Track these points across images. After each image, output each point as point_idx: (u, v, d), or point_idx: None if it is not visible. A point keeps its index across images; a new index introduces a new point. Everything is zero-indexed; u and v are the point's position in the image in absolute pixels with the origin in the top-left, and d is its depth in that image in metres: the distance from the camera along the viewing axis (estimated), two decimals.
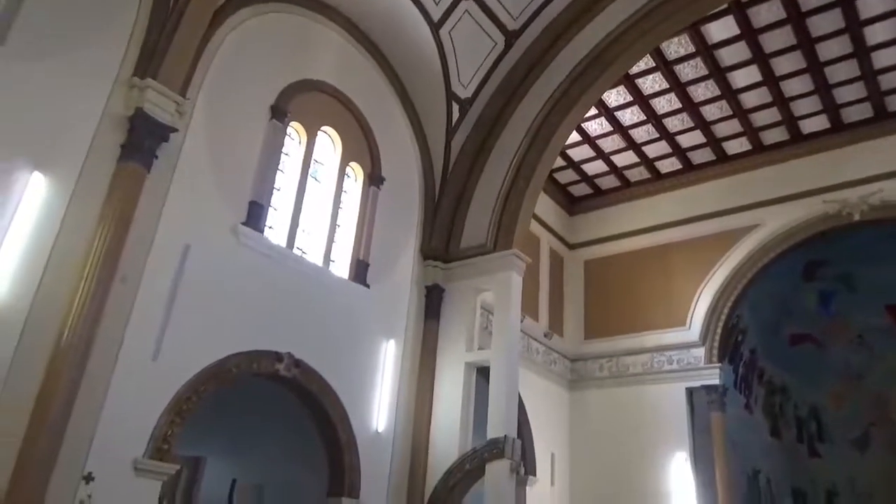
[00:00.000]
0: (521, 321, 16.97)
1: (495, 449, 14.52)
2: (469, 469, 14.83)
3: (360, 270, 15.47)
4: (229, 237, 12.68)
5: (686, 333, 20.15)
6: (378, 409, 15.00)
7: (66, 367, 9.39)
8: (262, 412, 14.23)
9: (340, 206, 15.71)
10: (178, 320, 11.31)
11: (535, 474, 18.72)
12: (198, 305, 11.71)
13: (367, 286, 15.44)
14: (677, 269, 20.99)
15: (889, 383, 22.29)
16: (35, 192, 9.81)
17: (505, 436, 14.59)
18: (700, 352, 19.78)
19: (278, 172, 14.22)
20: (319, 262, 14.77)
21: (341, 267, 15.32)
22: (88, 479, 9.63)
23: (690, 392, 19.57)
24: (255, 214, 13.20)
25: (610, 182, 23.29)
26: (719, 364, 19.46)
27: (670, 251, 21.41)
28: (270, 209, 13.86)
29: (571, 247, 23.66)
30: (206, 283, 11.96)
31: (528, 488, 18.21)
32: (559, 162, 21.40)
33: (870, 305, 21.66)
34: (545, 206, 22.21)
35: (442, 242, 17.57)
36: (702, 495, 18.29)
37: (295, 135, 15.10)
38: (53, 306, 9.65)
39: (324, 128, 15.66)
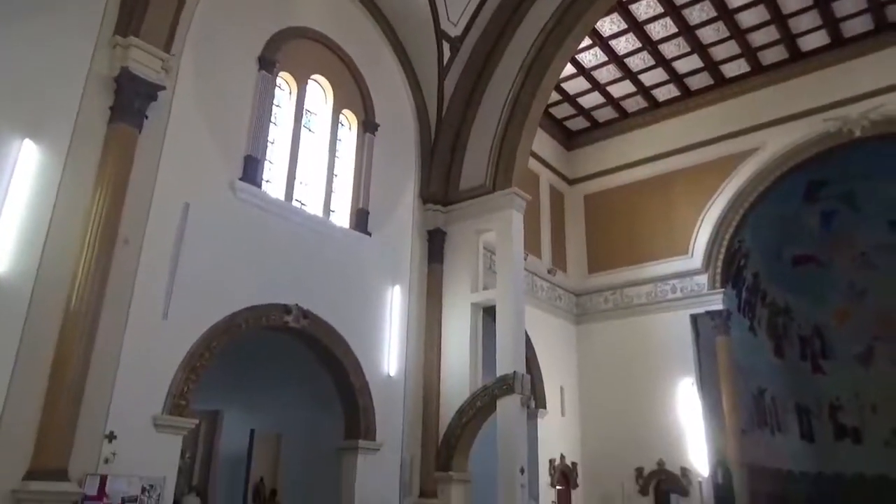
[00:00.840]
0: (525, 259, 17.06)
1: (505, 385, 14.84)
2: (480, 406, 15.21)
3: (360, 219, 15.48)
4: (227, 193, 12.64)
5: (688, 261, 20.26)
6: (388, 353, 15.27)
7: (77, 332, 9.53)
8: (277, 364, 14.52)
9: (336, 155, 15.59)
10: (183, 279, 11.41)
11: (545, 407, 19.18)
12: (202, 263, 11.78)
13: (369, 234, 15.47)
14: (678, 198, 20.94)
15: (893, 298, 22.49)
16: (28, 160, 9.74)
17: (514, 372, 14.90)
18: (703, 278, 19.93)
19: (271, 125, 14.07)
20: (319, 212, 14.76)
21: (341, 216, 15.32)
22: (111, 437, 9.92)
23: (695, 318, 19.82)
24: (252, 169, 13.12)
25: (607, 114, 22.98)
26: (722, 289, 19.65)
27: (671, 180, 21.31)
28: (266, 163, 13.78)
29: (571, 182, 23.55)
30: (208, 240, 12.00)
31: (539, 420, 18.70)
32: (555, 96, 21.07)
33: (873, 223, 21.68)
34: (543, 142, 22.00)
35: (441, 185, 17.50)
36: (709, 417, 18.76)
37: (285, 85, 14.85)
38: (58, 273, 9.72)
39: (314, 76, 15.38)
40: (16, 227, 9.48)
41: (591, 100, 22.29)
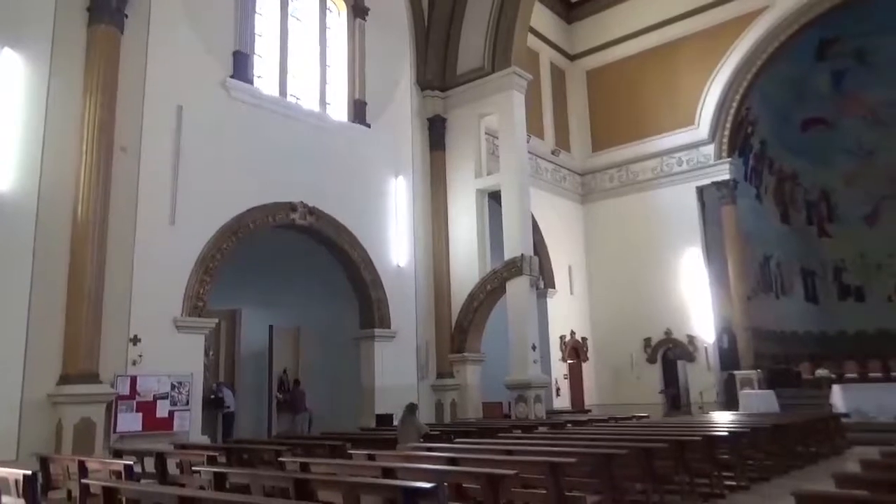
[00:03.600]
0: (528, 141, 16.82)
1: (513, 268, 15.10)
2: (491, 290, 15.56)
3: (358, 110, 15.16)
4: (220, 93, 12.34)
5: (695, 132, 19.89)
6: (397, 245, 15.45)
7: (88, 242, 9.65)
8: (291, 261, 14.75)
9: (327, 44, 15.04)
10: (186, 183, 11.38)
11: (554, 286, 19.58)
12: (203, 166, 11.70)
13: (368, 125, 15.21)
14: (684, 67, 20.21)
15: None
16: (11, 71, 9.46)
17: (522, 254, 15.10)
18: (709, 149, 19.64)
19: (256, 15, 13.48)
20: (315, 107, 14.45)
21: (339, 109, 14.99)
22: (136, 340, 10.31)
23: (701, 190, 19.73)
24: (242, 65, 12.71)
25: None
26: (729, 159, 19.40)
27: (676, 48, 20.47)
28: (256, 57, 13.33)
29: (572, 58, 22.72)
30: (206, 142, 11.85)
31: (548, 300, 19.14)
32: None
33: (884, 79, 20.98)
34: (541, 16, 20.99)
35: (438, 70, 16.95)
36: (715, 285, 19.14)
37: None
38: (61, 186, 9.70)
39: None
40: (11, 142, 9.36)
41: None
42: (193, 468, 7.08)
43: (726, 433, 8.56)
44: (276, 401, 15.19)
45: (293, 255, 14.55)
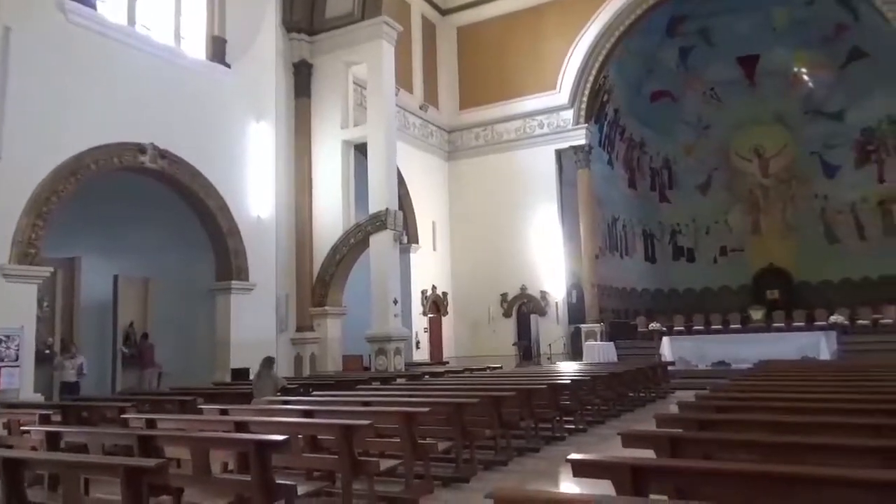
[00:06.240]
0: (396, 95, 16.67)
1: (378, 222, 15.11)
2: (354, 243, 15.49)
3: (217, 48, 14.23)
4: (56, 15, 11.08)
5: (556, 97, 20.66)
6: (257, 194, 14.86)
7: None
8: (139, 207, 13.73)
9: None
10: (15, 115, 10.20)
11: (417, 242, 19.84)
12: (35, 97, 10.53)
13: (228, 66, 14.34)
14: (549, 31, 20.80)
15: (732, 131, 24.50)
16: None
17: (386, 209, 15.12)
18: (569, 114, 20.52)
19: None
20: (169, 40, 13.39)
21: (196, 45, 14.00)
22: None
23: (559, 153, 20.66)
24: None
25: None
26: (586, 125, 20.41)
27: (543, 12, 20.98)
28: None
29: (444, 12, 22.62)
30: (39, 71, 10.64)
31: (411, 255, 19.39)
32: None
33: (723, 59, 22.92)
34: None
35: (305, 12, 16.25)
36: (567, 245, 20.31)
37: None
38: None
39: None
40: None
41: None
42: (23, 428, 6.53)
43: (569, 381, 9.23)
44: (122, 356, 14.30)
45: (142, 200, 13.57)
